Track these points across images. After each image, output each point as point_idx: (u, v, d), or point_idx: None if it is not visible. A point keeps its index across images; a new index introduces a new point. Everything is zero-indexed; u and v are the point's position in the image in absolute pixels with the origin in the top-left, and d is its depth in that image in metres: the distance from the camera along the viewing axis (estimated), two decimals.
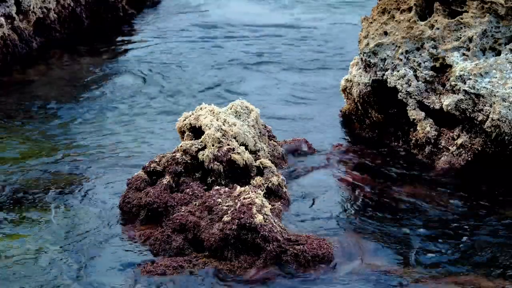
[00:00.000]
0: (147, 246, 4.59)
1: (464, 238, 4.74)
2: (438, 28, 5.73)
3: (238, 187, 4.79)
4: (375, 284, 4.24)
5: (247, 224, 4.44)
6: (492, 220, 4.95)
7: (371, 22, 6.10)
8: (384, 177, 5.49)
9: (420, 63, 5.78)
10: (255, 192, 4.66)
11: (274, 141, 5.66)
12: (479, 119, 5.45)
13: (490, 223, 4.91)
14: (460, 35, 5.67)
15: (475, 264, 4.44)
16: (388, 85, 5.92)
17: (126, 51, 8.57)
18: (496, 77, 5.43)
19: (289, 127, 6.33)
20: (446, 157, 5.62)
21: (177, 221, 4.73)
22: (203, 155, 5.09)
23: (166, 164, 5.14)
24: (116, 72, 7.86)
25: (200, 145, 5.15)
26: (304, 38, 9.00)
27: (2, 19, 8.03)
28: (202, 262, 4.39)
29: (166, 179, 5.06)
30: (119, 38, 9.01)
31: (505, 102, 5.35)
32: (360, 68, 6.20)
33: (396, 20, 5.93)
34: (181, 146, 5.18)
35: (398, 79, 5.84)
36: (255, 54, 8.42)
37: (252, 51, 8.52)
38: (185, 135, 5.36)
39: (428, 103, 5.73)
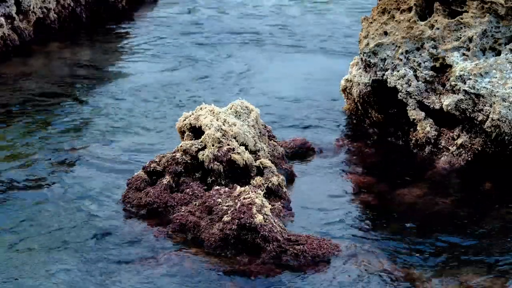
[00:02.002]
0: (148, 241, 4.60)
1: (465, 238, 4.75)
2: (438, 28, 5.73)
3: (238, 187, 4.79)
4: (376, 284, 4.25)
5: (247, 224, 4.44)
6: (492, 220, 4.95)
7: (371, 22, 6.11)
8: (384, 178, 5.49)
9: (420, 63, 5.78)
10: (255, 192, 4.66)
11: (274, 141, 5.66)
12: (479, 119, 5.45)
13: (491, 223, 4.92)
14: (460, 35, 5.67)
15: (476, 264, 4.44)
16: (388, 85, 5.92)
17: (125, 50, 8.57)
18: (496, 77, 5.44)
19: (289, 127, 6.33)
20: (446, 157, 5.62)
21: (177, 221, 4.73)
22: (203, 155, 5.09)
23: (166, 164, 5.14)
24: (116, 70, 7.86)
25: (200, 145, 5.15)
26: (307, 33, 9.02)
27: (2, 19, 8.03)
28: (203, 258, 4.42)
29: (166, 179, 5.06)
30: (119, 37, 9.01)
31: (505, 102, 5.35)
32: (360, 68, 6.21)
33: (396, 20, 5.93)
34: (181, 146, 5.18)
35: (398, 79, 5.85)
36: (256, 49, 8.44)
37: (253, 46, 8.53)
38: (185, 135, 5.36)
39: (428, 103, 5.74)
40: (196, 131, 5.32)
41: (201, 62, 8.09)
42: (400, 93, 5.84)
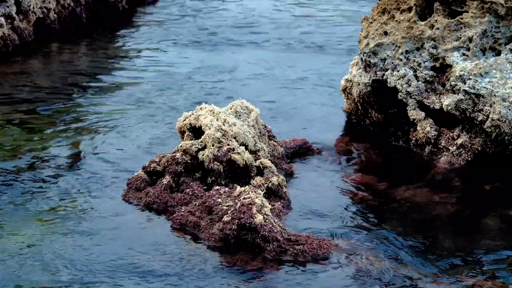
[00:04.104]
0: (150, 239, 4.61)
1: (465, 238, 4.75)
2: (438, 28, 5.73)
3: (238, 187, 4.79)
4: (376, 284, 4.24)
5: (247, 224, 4.44)
6: (493, 220, 4.95)
7: (371, 22, 6.10)
8: (384, 178, 5.49)
9: (420, 63, 5.78)
10: (255, 192, 4.66)
11: (274, 141, 5.66)
12: (479, 119, 5.45)
13: (491, 224, 4.92)
14: (460, 35, 5.67)
15: (476, 264, 4.44)
16: (388, 85, 5.92)
17: (125, 49, 8.57)
18: (496, 77, 5.43)
19: (289, 126, 6.33)
20: (446, 157, 5.62)
21: (177, 221, 4.73)
22: (203, 155, 5.09)
23: (166, 164, 5.14)
24: (115, 69, 7.86)
25: (200, 145, 5.15)
26: (306, 33, 9.03)
27: (2, 19, 8.03)
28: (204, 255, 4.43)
29: (166, 179, 5.06)
30: (119, 38, 9.01)
31: (505, 102, 5.35)
32: (360, 68, 6.20)
33: (396, 20, 5.93)
34: (181, 146, 5.19)
35: (398, 79, 5.84)
36: (256, 49, 8.44)
37: (253, 46, 8.53)
38: (185, 135, 5.37)
39: (428, 103, 5.74)
40: (196, 131, 5.32)
41: (201, 62, 8.09)
42: (400, 93, 5.84)
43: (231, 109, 5.47)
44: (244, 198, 4.58)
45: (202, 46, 8.64)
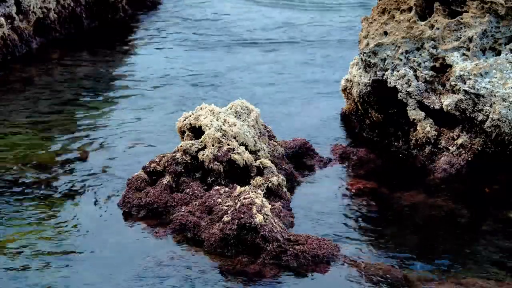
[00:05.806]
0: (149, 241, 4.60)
1: (465, 239, 4.74)
2: (438, 28, 5.73)
3: (238, 187, 4.79)
4: (375, 285, 4.24)
5: (247, 224, 4.44)
6: (493, 222, 4.95)
7: (371, 22, 6.10)
8: (384, 178, 5.49)
9: (420, 63, 5.78)
10: (255, 192, 4.66)
11: (274, 141, 5.66)
12: (479, 119, 5.45)
13: (492, 225, 4.91)
14: (460, 35, 5.67)
15: (475, 265, 4.44)
16: (388, 85, 5.92)
17: (125, 50, 8.57)
18: (496, 77, 5.43)
19: (289, 127, 6.33)
20: (446, 157, 5.62)
21: (177, 221, 4.73)
22: (203, 155, 5.09)
23: (166, 164, 5.14)
24: (115, 71, 7.86)
25: (200, 145, 5.15)
26: (306, 33, 9.03)
27: (2, 19, 8.03)
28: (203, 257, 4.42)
29: (166, 179, 5.06)
30: (119, 38, 9.01)
31: (505, 102, 5.35)
32: (360, 68, 6.20)
33: (396, 20, 5.93)
34: (181, 146, 5.19)
35: (398, 79, 5.84)
36: (256, 51, 8.44)
37: (251, 49, 8.53)
38: (185, 135, 5.37)
39: (428, 103, 5.73)
40: (196, 131, 5.32)
41: (201, 63, 8.08)
42: (400, 93, 5.84)
43: (231, 109, 5.47)
44: (244, 198, 4.58)
45: (203, 48, 8.63)
